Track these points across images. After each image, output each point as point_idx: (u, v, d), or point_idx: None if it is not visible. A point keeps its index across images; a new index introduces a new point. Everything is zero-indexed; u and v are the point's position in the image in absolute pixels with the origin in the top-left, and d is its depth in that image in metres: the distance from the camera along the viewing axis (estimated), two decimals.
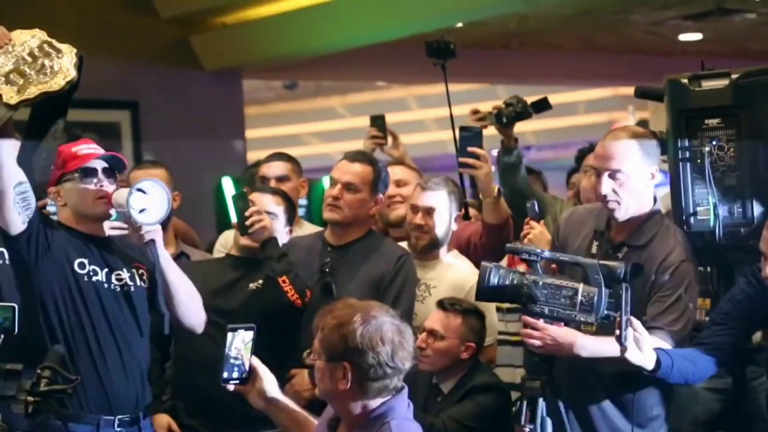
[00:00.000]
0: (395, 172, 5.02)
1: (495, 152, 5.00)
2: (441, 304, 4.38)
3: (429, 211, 4.63)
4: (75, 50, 3.67)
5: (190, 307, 4.00)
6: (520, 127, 4.95)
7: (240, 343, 3.27)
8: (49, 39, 3.68)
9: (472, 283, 4.32)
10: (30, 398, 3.02)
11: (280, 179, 5.13)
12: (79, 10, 8.24)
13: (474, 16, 8.73)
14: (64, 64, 3.61)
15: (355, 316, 3.13)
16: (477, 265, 4.22)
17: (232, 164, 8.24)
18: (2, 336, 3.13)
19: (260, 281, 4.38)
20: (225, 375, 3.27)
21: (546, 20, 9.59)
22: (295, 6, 8.44)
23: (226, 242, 5.08)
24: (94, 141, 4.03)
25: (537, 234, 4.38)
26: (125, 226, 3.91)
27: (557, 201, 5.03)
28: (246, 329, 3.29)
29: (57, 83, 3.58)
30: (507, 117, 4.91)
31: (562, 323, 3.76)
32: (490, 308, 4.58)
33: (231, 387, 3.30)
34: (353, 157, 4.57)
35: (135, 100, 8.47)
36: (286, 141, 15.66)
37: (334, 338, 3.12)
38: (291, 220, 4.66)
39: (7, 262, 4.15)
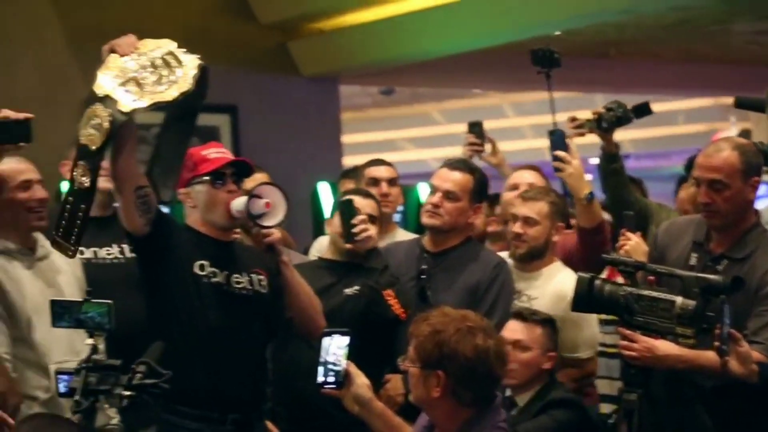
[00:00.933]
0: (524, 177, 4.99)
1: (593, 160, 4.96)
2: (520, 315, 4.30)
3: (528, 221, 4.60)
4: (199, 62, 3.72)
5: (310, 312, 4.04)
6: (617, 136, 4.90)
7: (335, 347, 3.29)
8: (175, 50, 3.75)
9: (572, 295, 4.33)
10: (124, 392, 3.07)
11: (391, 182, 5.18)
12: (181, 17, 8.34)
13: (572, 25, 8.68)
14: (183, 76, 3.67)
15: (450, 325, 3.13)
16: None
17: (328, 169, 8.27)
18: (102, 333, 3.19)
19: (356, 288, 4.38)
20: (320, 379, 3.29)
21: (645, 30, 9.48)
22: (393, 13, 8.45)
23: (321, 247, 5.11)
24: (222, 145, 4.11)
25: (633, 245, 4.32)
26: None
27: (663, 209, 4.94)
28: (342, 334, 3.30)
29: (170, 94, 3.64)
30: (608, 122, 4.86)
31: (660, 336, 3.72)
32: (591, 319, 4.53)
33: (326, 391, 3.32)
34: (453, 165, 4.57)
35: (234, 105, 8.55)
36: (382, 146, 15.73)
37: (428, 346, 3.12)
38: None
39: (115, 260, 4.26)
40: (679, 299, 3.69)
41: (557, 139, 4.74)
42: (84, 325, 3.26)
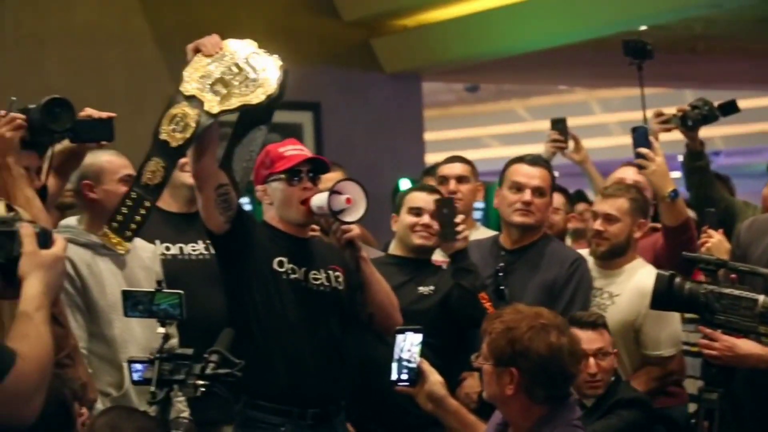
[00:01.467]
0: (627, 173, 4.93)
1: (680, 157, 4.90)
2: (589, 324, 4.12)
3: (608, 218, 4.54)
4: (281, 63, 3.75)
5: (388, 308, 4.04)
6: (707, 132, 4.82)
7: (409, 345, 3.29)
8: (258, 50, 3.79)
9: None
10: (199, 382, 3.09)
11: (460, 179, 5.12)
12: (265, 14, 8.41)
13: (659, 20, 8.57)
14: (268, 78, 3.71)
15: (523, 322, 3.11)
16: None
17: (410, 166, 8.27)
18: (174, 322, 3.22)
19: (431, 287, 4.37)
20: (394, 377, 3.28)
21: (733, 24, 9.34)
22: (475, 9, 8.43)
23: None
24: (298, 142, 4.12)
25: (715, 243, 4.27)
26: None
27: (749, 207, 4.85)
28: (414, 331, 3.30)
29: (257, 97, 3.68)
30: (693, 120, 4.80)
31: (741, 334, 3.66)
32: (673, 317, 4.47)
33: (400, 388, 3.32)
34: (533, 161, 4.54)
35: (317, 102, 8.59)
36: (467, 143, 15.70)
37: (501, 343, 3.10)
38: None
39: (200, 256, 4.30)
40: (761, 297, 3.64)
41: (640, 136, 4.68)
42: (156, 315, 3.29)
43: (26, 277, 2.36)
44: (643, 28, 8.45)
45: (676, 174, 4.88)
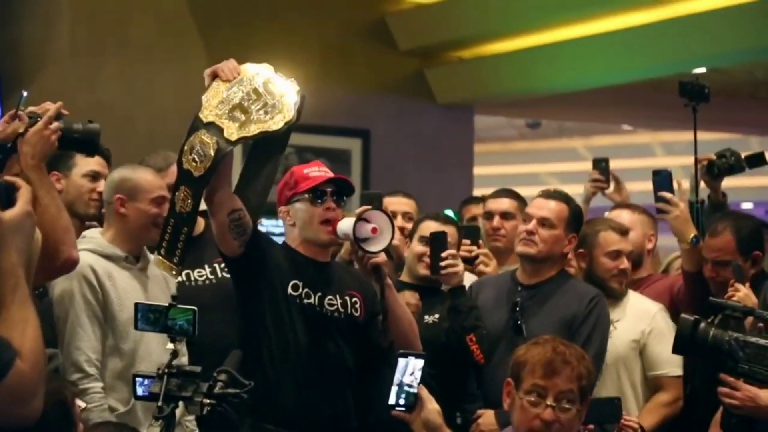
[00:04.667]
0: (621, 216, 4.89)
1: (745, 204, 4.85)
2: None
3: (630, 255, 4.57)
4: (298, 88, 3.73)
5: (410, 336, 3.99)
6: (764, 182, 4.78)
7: (410, 370, 3.24)
8: (275, 75, 3.77)
9: (655, 311, 4.51)
10: (206, 400, 3.05)
11: (505, 215, 5.01)
12: (320, 38, 8.43)
13: (718, 63, 8.48)
14: (286, 105, 3.69)
15: (577, 351, 3.18)
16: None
17: (458, 198, 8.16)
18: (184, 339, 3.19)
19: (436, 315, 4.34)
20: (392, 401, 3.23)
21: None
22: (531, 44, 8.39)
23: None
24: (324, 164, 4.08)
25: (742, 297, 4.16)
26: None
27: None
28: (417, 357, 3.25)
29: (276, 123, 3.67)
30: (719, 169, 4.75)
31: (765, 385, 3.57)
32: None
33: (396, 413, 3.26)
34: (548, 194, 4.50)
35: (367, 129, 8.58)
36: (525, 179, 15.63)
37: (592, 375, 3.18)
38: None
39: (207, 281, 4.28)
40: None
41: (663, 179, 4.67)
42: (168, 331, 3.26)
43: None
44: (702, 70, 8.36)
45: None
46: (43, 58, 7.70)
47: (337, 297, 3.94)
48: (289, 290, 3.87)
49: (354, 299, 3.97)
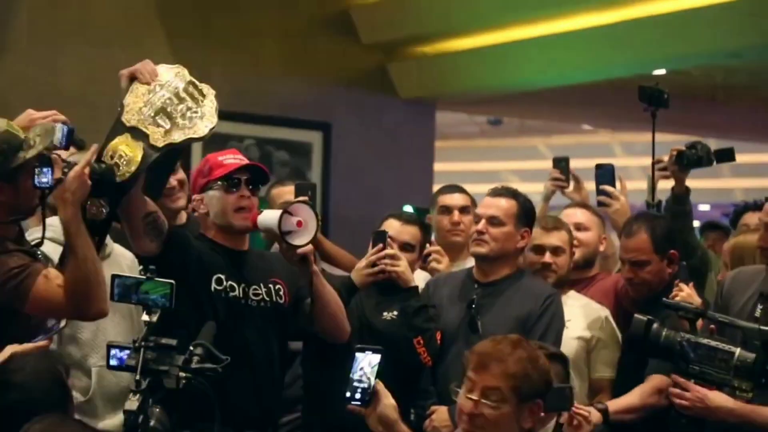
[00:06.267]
0: (576, 215, 4.91)
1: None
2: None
3: (555, 251, 4.56)
4: (215, 92, 3.68)
5: (339, 317, 3.99)
6: (728, 184, 4.82)
7: (367, 365, 3.24)
8: (192, 79, 3.70)
9: (605, 314, 4.51)
10: (182, 374, 3.02)
11: (463, 210, 5.03)
12: (283, 29, 8.40)
13: (678, 65, 8.54)
14: (208, 110, 3.64)
15: (536, 351, 3.13)
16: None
17: (417, 193, 8.20)
18: (159, 312, 3.15)
19: (395, 312, 4.31)
20: (348, 395, 3.24)
21: (755, 75, 9.28)
22: (494, 41, 8.39)
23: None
24: (239, 152, 4.04)
25: (684, 297, 4.16)
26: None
27: (719, 258, 4.85)
28: (374, 352, 3.25)
29: (201, 130, 3.61)
30: (688, 160, 4.78)
31: (715, 386, 3.61)
32: None
33: (352, 408, 3.26)
34: (496, 192, 4.50)
35: (328, 122, 8.56)
36: (486, 176, 15.66)
37: (534, 377, 3.07)
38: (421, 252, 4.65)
39: None
40: (738, 350, 3.60)
41: (605, 173, 4.75)
42: (142, 303, 3.19)
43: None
44: (662, 72, 8.42)
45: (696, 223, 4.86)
46: (2, 45, 7.61)
47: (261, 286, 3.92)
48: (213, 285, 3.83)
49: (278, 286, 3.94)
